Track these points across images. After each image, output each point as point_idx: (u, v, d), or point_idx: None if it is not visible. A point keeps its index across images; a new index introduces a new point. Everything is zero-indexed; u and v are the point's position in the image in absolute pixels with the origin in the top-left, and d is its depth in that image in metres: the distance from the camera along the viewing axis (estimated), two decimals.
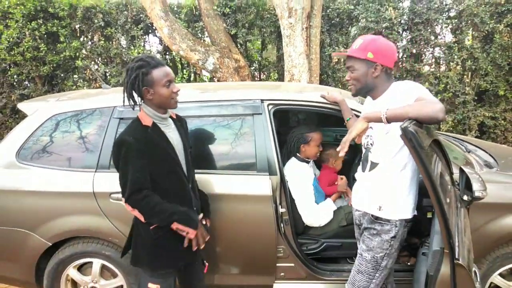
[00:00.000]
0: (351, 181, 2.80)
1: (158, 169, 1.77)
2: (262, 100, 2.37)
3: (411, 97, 1.62)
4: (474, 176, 1.82)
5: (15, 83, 6.05)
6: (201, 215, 2.02)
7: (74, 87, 5.93)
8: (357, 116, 2.24)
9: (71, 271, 2.39)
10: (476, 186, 1.74)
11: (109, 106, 2.43)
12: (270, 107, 2.38)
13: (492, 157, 2.70)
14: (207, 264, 2.13)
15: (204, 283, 2.18)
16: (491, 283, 2.27)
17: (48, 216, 2.31)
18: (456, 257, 1.41)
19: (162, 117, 1.85)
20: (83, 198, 2.29)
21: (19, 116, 6.07)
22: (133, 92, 1.78)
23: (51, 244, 2.33)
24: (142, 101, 1.83)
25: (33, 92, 5.87)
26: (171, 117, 1.94)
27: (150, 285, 1.86)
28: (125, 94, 1.80)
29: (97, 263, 2.38)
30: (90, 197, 2.28)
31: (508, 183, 2.28)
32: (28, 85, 5.94)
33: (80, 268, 2.43)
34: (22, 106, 2.61)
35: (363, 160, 1.93)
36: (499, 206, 2.19)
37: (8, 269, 2.45)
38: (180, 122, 2.00)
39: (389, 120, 1.57)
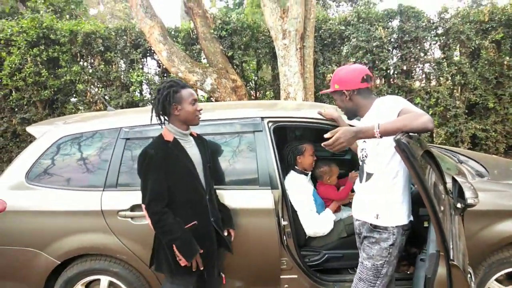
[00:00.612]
0: None
1: (177, 180, 1.95)
2: (262, 118, 2.49)
3: (395, 111, 1.75)
4: (466, 184, 1.93)
5: (15, 108, 6.15)
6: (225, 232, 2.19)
7: (74, 110, 6.04)
8: None
9: None
10: (468, 194, 1.84)
11: (115, 127, 2.53)
12: (270, 124, 2.49)
13: (483, 167, 2.81)
14: (223, 276, 2.23)
15: None
16: None
17: (57, 235, 2.37)
18: (451, 258, 1.50)
19: (183, 133, 2.05)
20: (91, 217, 2.37)
21: (19, 140, 6.16)
22: (161, 111, 1.99)
23: (60, 263, 2.38)
24: (166, 121, 2.04)
25: (34, 116, 5.97)
26: (191, 134, 2.14)
27: None
28: (154, 113, 2.02)
29: (104, 280, 2.43)
30: (98, 215, 2.35)
31: (499, 191, 2.39)
32: (29, 109, 6.03)
33: (88, 286, 2.48)
34: (31, 129, 2.71)
35: (360, 172, 2.04)
36: (492, 213, 2.28)
37: None
38: (200, 140, 2.20)
39: (382, 136, 1.68)
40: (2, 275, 2.47)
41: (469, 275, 1.65)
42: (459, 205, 1.90)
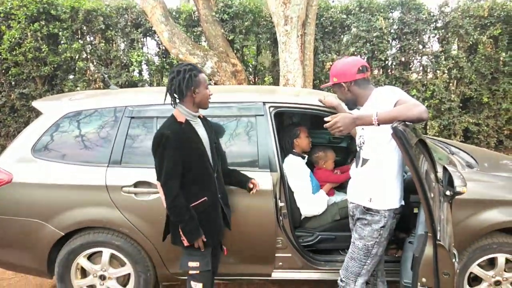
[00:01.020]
0: None
1: (189, 157, 2.06)
2: (264, 103, 2.57)
3: (392, 101, 1.85)
4: (456, 173, 2.04)
5: (14, 83, 6.14)
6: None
7: (73, 87, 6.05)
8: None
9: (82, 260, 2.53)
10: (457, 182, 1.95)
11: (121, 105, 2.60)
12: (271, 109, 2.57)
13: (474, 158, 2.93)
14: (225, 248, 2.37)
15: (217, 268, 2.42)
16: (471, 272, 2.49)
17: (62, 208, 2.46)
18: (438, 238, 1.62)
19: (194, 115, 2.15)
20: (96, 191, 2.45)
21: (18, 115, 6.17)
22: (177, 92, 2.06)
23: (63, 234, 2.47)
24: (178, 102, 2.12)
25: (33, 91, 5.98)
26: (199, 116, 2.22)
27: (190, 263, 2.11)
28: (168, 93, 2.09)
29: (106, 252, 2.53)
30: (103, 190, 2.44)
31: (487, 181, 2.51)
32: (28, 84, 6.02)
33: (89, 257, 2.57)
34: (37, 104, 2.77)
35: (357, 158, 2.14)
36: (479, 202, 2.40)
37: (21, 258, 2.59)
38: (205, 121, 2.29)
39: (380, 123, 1.77)
40: (8, 244, 2.55)
41: (454, 256, 1.78)
42: (448, 193, 2.01)
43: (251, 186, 2.34)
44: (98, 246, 2.53)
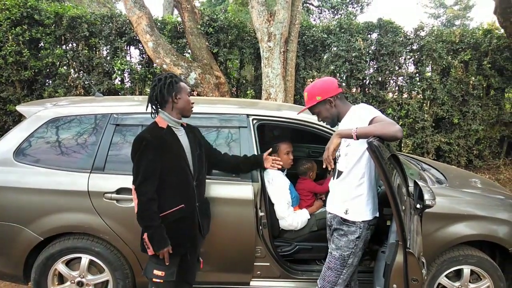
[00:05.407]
0: None
1: (169, 162, 2.09)
2: (247, 115, 2.66)
3: (367, 118, 1.98)
4: (426, 188, 2.17)
5: None
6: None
7: (53, 93, 5.98)
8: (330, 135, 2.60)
9: (60, 266, 2.52)
10: (427, 196, 2.08)
11: (106, 113, 2.63)
12: (255, 121, 2.67)
13: (443, 175, 3.10)
14: (201, 260, 2.38)
15: (194, 278, 2.42)
16: (439, 284, 2.62)
17: (42, 212, 2.46)
18: (408, 246, 1.73)
19: (176, 121, 2.19)
20: (77, 197, 2.46)
21: None
22: (159, 98, 2.11)
23: (42, 239, 2.46)
24: (159, 109, 2.18)
25: (12, 95, 5.87)
26: (182, 125, 2.26)
27: (155, 271, 2.10)
28: (150, 101, 2.15)
29: (85, 258, 2.53)
30: (84, 196, 2.45)
31: (455, 197, 2.67)
32: (7, 88, 5.91)
33: (68, 263, 2.56)
34: (21, 108, 2.76)
35: (334, 170, 2.25)
36: (447, 216, 2.55)
37: None
38: (189, 129, 2.32)
39: (358, 137, 1.90)
40: None
41: (422, 264, 1.89)
42: (418, 206, 2.14)
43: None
44: (77, 252, 2.52)
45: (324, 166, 2.00)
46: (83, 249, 2.52)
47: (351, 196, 2.10)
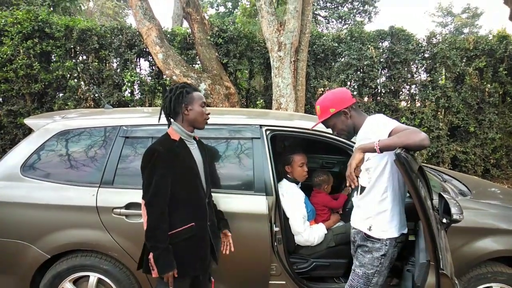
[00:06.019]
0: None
1: (181, 176, 1.97)
2: (260, 126, 2.56)
3: (387, 129, 1.85)
4: (452, 201, 2.04)
5: (2, 99, 6.03)
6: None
7: (63, 105, 5.97)
8: (346, 145, 2.48)
9: (67, 285, 2.42)
10: (454, 210, 1.95)
11: (115, 125, 2.56)
12: (268, 132, 2.56)
13: (466, 186, 2.96)
14: (213, 280, 2.24)
15: None
16: None
17: (49, 229, 2.37)
18: (441, 267, 1.59)
19: (189, 134, 2.08)
20: (85, 212, 2.37)
21: (4, 132, 6.03)
22: (170, 109, 2.03)
23: (49, 257, 2.37)
24: (172, 120, 2.08)
25: (22, 108, 5.87)
26: (194, 138, 2.16)
27: None
28: (162, 112, 2.06)
29: (93, 277, 2.43)
30: (93, 211, 2.36)
31: (480, 209, 2.52)
32: (17, 101, 5.92)
33: (75, 282, 2.46)
34: (29, 121, 2.71)
35: (357, 186, 2.12)
36: (473, 230, 2.41)
37: (2, 282, 2.46)
38: (200, 144, 2.22)
39: (381, 150, 1.77)
40: None
41: (456, 286, 1.75)
42: (444, 220, 2.00)
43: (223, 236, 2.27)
44: (85, 270, 2.43)
45: (348, 184, 1.87)
46: (91, 267, 2.42)
47: (374, 212, 1.98)
